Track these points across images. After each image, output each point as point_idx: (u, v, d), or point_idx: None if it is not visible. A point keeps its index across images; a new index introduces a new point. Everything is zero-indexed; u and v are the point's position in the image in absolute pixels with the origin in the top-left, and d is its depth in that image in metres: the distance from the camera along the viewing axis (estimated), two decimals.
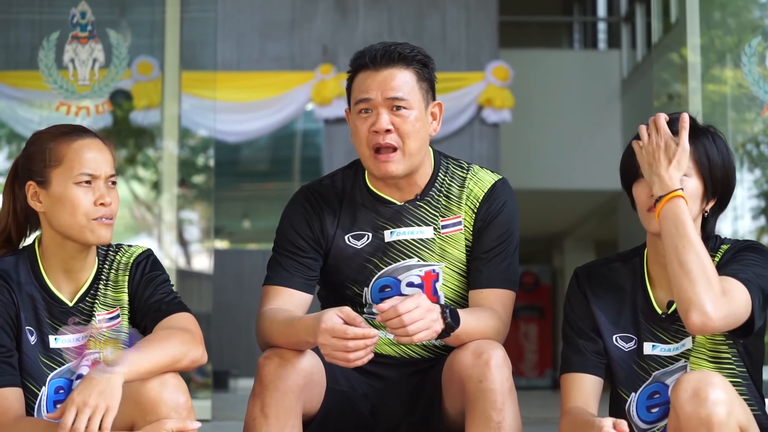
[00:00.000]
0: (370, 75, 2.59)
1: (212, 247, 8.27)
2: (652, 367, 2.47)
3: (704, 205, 2.45)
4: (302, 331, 2.42)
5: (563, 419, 2.47)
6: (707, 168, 2.43)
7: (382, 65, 2.58)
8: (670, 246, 2.33)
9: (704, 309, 2.25)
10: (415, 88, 2.60)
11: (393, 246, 2.66)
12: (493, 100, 9.33)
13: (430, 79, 2.64)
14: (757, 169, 6.21)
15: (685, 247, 2.31)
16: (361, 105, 2.59)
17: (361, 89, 2.60)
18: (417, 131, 2.59)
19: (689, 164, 2.41)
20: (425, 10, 9.52)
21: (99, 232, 2.43)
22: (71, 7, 5.02)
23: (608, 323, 2.51)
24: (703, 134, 2.46)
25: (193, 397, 2.45)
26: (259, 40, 9.63)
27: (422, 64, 2.62)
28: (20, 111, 5.66)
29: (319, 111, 9.41)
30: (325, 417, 2.61)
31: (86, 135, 2.47)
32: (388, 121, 2.57)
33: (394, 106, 2.57)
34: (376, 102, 2.58)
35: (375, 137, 2.58)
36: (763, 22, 4.91)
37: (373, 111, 2.59)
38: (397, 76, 2.58)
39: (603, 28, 13.99)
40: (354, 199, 2.70)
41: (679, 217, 2.33)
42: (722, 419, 2.16)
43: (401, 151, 2.58)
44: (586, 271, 2.57)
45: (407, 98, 2.58)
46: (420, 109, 2.60)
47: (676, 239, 2.32)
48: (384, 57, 2.58)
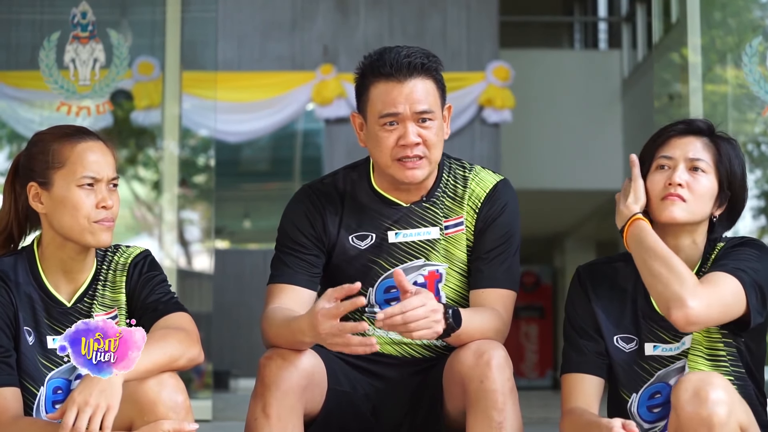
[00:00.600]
0: (395, 87, 2.56)
1: (213, 247, 8.27)
2: (653, 367, 2.47)
3: (715, 208, 2.48)
4: (297, 331, 2.42)
5: (564, 419, 2.47)
6: (726, 170, 2.48)
7: (406, 76, 2.56)
8: (639, 263, 2.40)
9: (682, 301, 2.29)
10: (436, 97, 2.61)
11: (398, 247, 2.66)
12: (493, 100, 9.33)
13: (443, 84, 2.66)
14: (757, 169, 6.22)
15: (651, 256, 2.37)
16: (387, 119, 2.58)
17: (386, 102, 2.57)
18: (440, 140, 2.61)
19: (707, 162, 2.47)
20: (426, 10, 9.52)
21: (99, 235, 2.43)
22: (72, 7, 5.02)
23: (609, 324, 2.51)
24: (727, 141, 2.51)
25: (194, 398, 2.45)
26: (259, 40, 9.63)
27: (438, 71, 2.63)
28: (21, 111, 5.66)
29: (320, 111, 9.41)
30: (327, 417, 2.61)
31: (89, 137, 2.46)
32: (416, 134, 2.57)
33: (421, 119, 2.57)
34: (404, 116, 2.56)
35: (402, 150, 2.57)
36: (763, 22, 4.91)
37: (399, 124, 2.57)
38: (421, 88, 2.57)
39: (604, 28, 13.98)
40: (358, 200, 2.70)
41: (640, 236, 2.41)
42: (723, 419, 2.16)
43: (427, 160, 2.59)
44: (588, 270, 2.58)
45: (433, 110, 2.58)
46: (440, 117, 2.62)
47: (643, 254, 2.39)
48: (409, 68, 2.56)
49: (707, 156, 2.47)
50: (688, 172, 2.46)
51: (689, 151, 2.48)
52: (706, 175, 2.46)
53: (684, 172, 2.46)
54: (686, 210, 2.45)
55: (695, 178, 2.46)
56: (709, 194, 2.46)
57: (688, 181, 2.46)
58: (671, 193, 2.45)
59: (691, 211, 2.45)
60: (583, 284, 2.55)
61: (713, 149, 2.48)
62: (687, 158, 2.47)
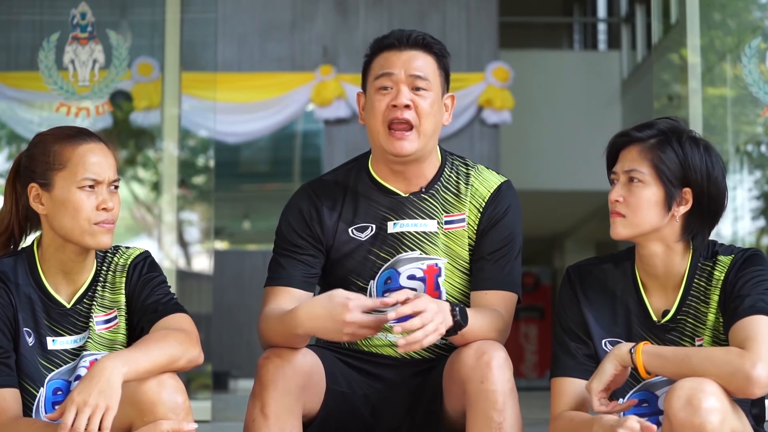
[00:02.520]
0: (394, 53, 2.64)
1: (212, 248, 8.27)
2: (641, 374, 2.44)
3: (675, 209, 2.39)
4: (291, 324, 2.42)
5: (554, 423, 2.44)
6: (670, 171, 2.38)
7: (407, 46, 2.64)
8: (675, 375, 2.27)
9: (747, 376, 2.18)
10: (436, 73, 2.65)
11: (395, 237, 2.66)
12: (493, 100, 9.33)
13: (447, 70, 2.70)
14: (757, 170, 6.21)
15: (686, 366, 2.24)
16: (382, 80, 2.62)
17: (383, 65, 2.64)
18: (434, 113, 2.63)
19: (641, 170, 2.39)
20: (426, 11, 9.53)
21: (99, 237, 2.42)
22: (71, 8, 5.02)
23: (598, 327, 2.48)
24: (676, 139, 2.40)
25: (193, 398, 2.45)
26: (259, 40, 9.63)
27: (443, 55, 2.68)
28: (20, 112, 5.65)
29: (320, 112, 9.42)
30: (326, 417, 2.61)
31: (91, 139, 2.46)
32: (409, 97, 2.60)
33: (415, 86, 2.62)
34: (398, 78, 2.61)
35: (393, 111, 2.60)
36: (763, 23, 4.91)
37: (393, 87, 2.62)
38: (420, 58, 2.64)
39: (603, 29, 13.99)
40: (357, 190, 2.70)
41: (657, 359, 2.29)
42: (715, 427, 2.14)
43: (416, 131, 2.61)
44: (577, 271, 2.54)
45: (428, 79, 2.63)
46: (437, 93, 2.65)
47: (674, 370, 2.27)
48: (410, 40, 2.64)
49: (643, 164, 2.39)
50: (627, 185, 2.41)
51: (625, 163, 2.42)
52: (643, 184, 2.39)
53: (621, 187, 2.42)
54: (628, 225, 2.40)
55: (631, 190, 2.40)
56: (649, 203, 2.39)
57: (625, 195, 2.41)
58: (611, 211, 2.42)
59: (633, 225, 2.40)
60: (573, 285, 2.52)
61: (652, 153, 2.39)
62: (624, 170, 2.43)
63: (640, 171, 2.40)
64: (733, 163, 5.41)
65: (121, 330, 2.50)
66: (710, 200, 2.40)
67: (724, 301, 2.38)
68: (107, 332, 2.49)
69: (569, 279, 2.54)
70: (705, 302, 2.42)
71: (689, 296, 2.43)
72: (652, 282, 2.46)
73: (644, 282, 2.48)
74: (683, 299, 2.43)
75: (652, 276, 2.46)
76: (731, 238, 5.49)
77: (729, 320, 2.32)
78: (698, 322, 2.42)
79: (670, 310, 2.43)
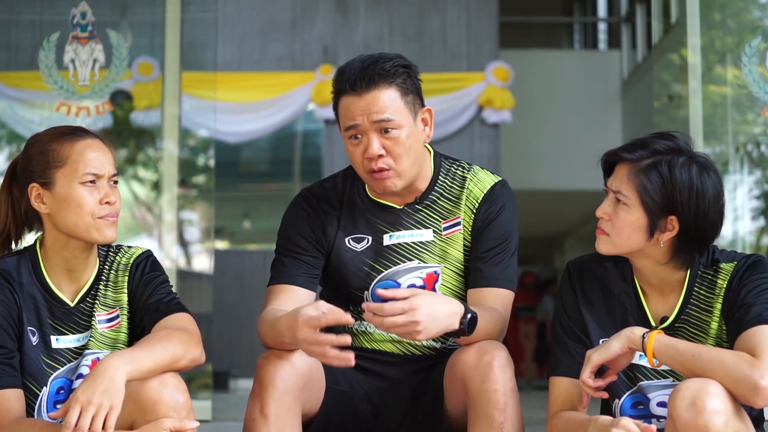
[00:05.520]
0: (353, 101, 2.55)
1: (212, 247, 8.26)
2: (637, 377, 2.43)
3: (658, 235, 2.34)
4: (278, 332, 2.42)
5: (551, 422, 2.43)
6: (654, 198, 2.32)
7: (363, 89, 2.54)
8: (689, 374, 2.25)
9: (755, 385, 2.16)
10: (401, 105, 2.56)
11: (392, 249, 2.66)
12: (493, 100, 9.33)
13: (415, 88, 2.60)
14: (757, 170, 6.21)
15: (696, 362, 2.22)
16: (350, 132, 2.58)
17: (347, 116, 2.57)
18: (408, 149, 2.57)
19: (625, 194, 2.33)
20: (426, 11, 9.53)
21: (105, 231, 2.43)
22: (71, 8, 5.02)
23: (596, 325, 2.47)
24: (668, 164, 2.32)
25: (194, 398, 2.45)
26: (259, 40, 9.63)
27: (405, 76, 2.57)
28: (21, 111, 5.65)
29: (320, 111, 9.41)
30: (325, 417, 2.61)
31: (87, 135, 2.47)
32: (380, 145, 2.55)
33: (383, 129, 2.55)
34: (364, 127, 2.55)
35: (369, 163, 2.57)
36: (763, 23, 4.91)
37: (363, 136, 2.56)
38: (380, 98, 2.54)
39: (603, 29, 14.00)
40: (354, 202, 2.70)
41: (669, 349, 2.26)
42: (719, 428, 2.13)
43: (395, 171, 2.58)
44: (578, 267, 2.52)
45: (394, 118, 2.55)
46: (409, 125, 2.58)
47: (683, 363, 2.25)
48: (364, 80, 2.53)
49: (629, 187, 2.34)
50: (614, 203, 2.37)
51: (615, 181, 2.38)
52: (628, 207, 2.34)
53: (608, 204, 2.38)
54: (610, 244, 2.38)
55: (617, 210, 2.37)
56: (632, 227, 2.34)
57: (610, 213, 2.37)
58: (597, 225, 2.39)
59: (614, 244, 2.38)
60: (573, 282, 2.50)
61: (638, 179, 2.33)
62: (612, 189, 2.39)
63: (624, 195, 2.35)
64: (733, 163, 5.41)
65: (123, 329, 2.51)
66: (698, 228, 2.33)
67: (727, 309, 2.35)
68: (109, 331, 2.49)
69: (569, 275, 2.52)
70: (707, 311, 2.40)
71: (689, 305, 2.41)
72: (650, 288, 2.45)
73: (643, 287, 2.46)
74: (683, 307, 2.41)
75: (648, 283, 2.45)
76: (731, 238, 5.49)
77: (734, 329, 2.30)
78: (699, 331, 2.40)
79: (668, 317, 2.42)
